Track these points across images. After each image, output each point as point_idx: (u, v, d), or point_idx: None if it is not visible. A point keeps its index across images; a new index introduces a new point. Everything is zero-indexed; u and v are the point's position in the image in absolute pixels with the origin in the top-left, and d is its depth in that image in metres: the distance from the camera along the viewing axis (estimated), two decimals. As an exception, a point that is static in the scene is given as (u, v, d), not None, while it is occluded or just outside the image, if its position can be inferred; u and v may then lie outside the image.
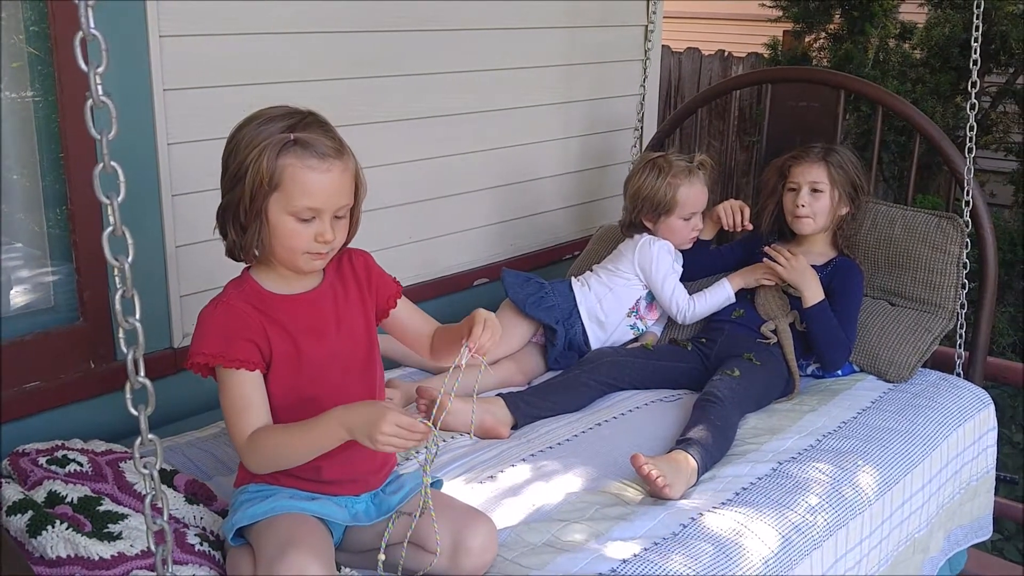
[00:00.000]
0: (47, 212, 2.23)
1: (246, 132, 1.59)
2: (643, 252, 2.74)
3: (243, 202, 1.58)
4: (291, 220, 1.59)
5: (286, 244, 1.61)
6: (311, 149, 1.57)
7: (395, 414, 1.51)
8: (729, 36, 8.84)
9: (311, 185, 1.57)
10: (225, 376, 1.62)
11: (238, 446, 1.63)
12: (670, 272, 2.74)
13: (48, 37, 2.10)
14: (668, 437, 2.29)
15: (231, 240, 1.64)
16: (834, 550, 2.01)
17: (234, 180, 1.58)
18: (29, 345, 2.15)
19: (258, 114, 1.61)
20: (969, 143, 2.71)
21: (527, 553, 1.77)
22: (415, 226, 3.01)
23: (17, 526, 1.64)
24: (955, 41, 5.30)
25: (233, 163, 1.59)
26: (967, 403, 2.57)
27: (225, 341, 1.61)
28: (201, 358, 1.61)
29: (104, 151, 1.10)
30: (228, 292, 1.69)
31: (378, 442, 1.50)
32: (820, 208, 2.71)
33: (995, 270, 2.76)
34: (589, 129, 3.55)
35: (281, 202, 1.58)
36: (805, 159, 2.74)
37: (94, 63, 1.07)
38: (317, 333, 1.69)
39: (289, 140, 1.56)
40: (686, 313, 2.71)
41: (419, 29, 2.85)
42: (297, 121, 1.59)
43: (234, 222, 1.62)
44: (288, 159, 1.56)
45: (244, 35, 2.44)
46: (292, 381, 1.67)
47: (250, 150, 1.56)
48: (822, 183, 2.70)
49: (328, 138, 1.60)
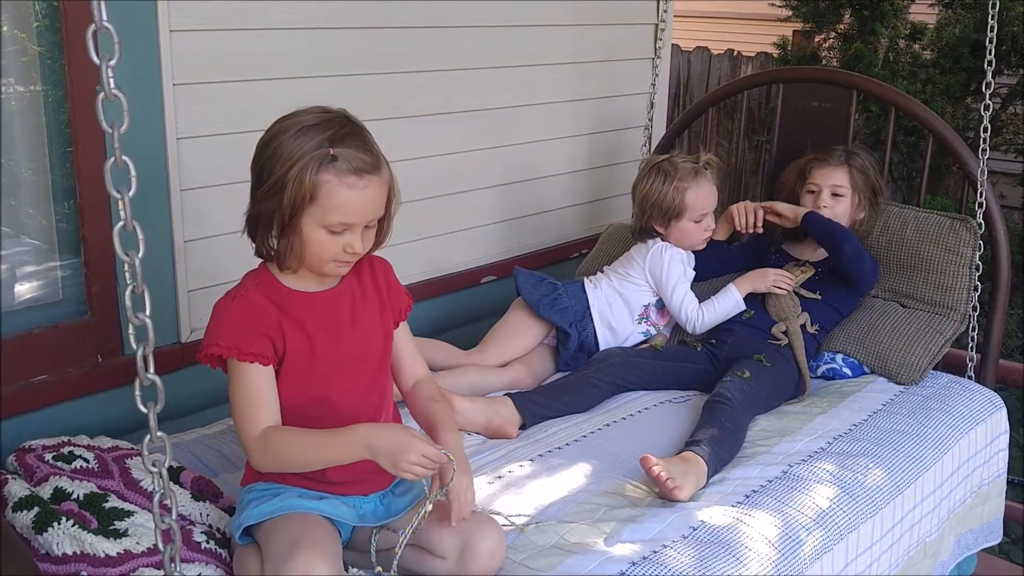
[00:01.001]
0: (56, 206, 2.22)
1: (283, 143, 1.55)
2: (654, 259, 2.72)
3: (279, 215, 1.57)
4: (323, 232, 1.58)
5: (315, 252, 1.60)
6: (350, 165, 1.55)
7: (422, 444, 1.54)
8: (738, 35, 8.82)
9: (347, 203, 1.56)
10: (237, 369, 1.61)
11: (245, 441, 1.61)
12: (681, 280, 2.71)
13: (58, 31, 2.09)
14: (677, 438, 2.27)
15: (263, 247, 1.64)
16: (845, 554, 2.00)
17: (270, 192, 1.56)
18: (37, 339, 2.14)
19: (293, 122, 1.58)
20: (983, 144, 2.69)
21: (535, 555, 1.76)
22: (423, 223, 3.00)
23: (23, 522, 1.64)
24: (966, 42, 5.27)
25: (268, 175, 1.56)
26: (979, 406, 2.55)
27: (240, 334, 1.60)
28: (215, 349, 1.60)
29: (116, 145, 1.09)
30: (246, 285, 1.67)
31: (401, 469, 1.53)
32: (840, 212, 2.69)
33: (1008, 272, 2.74)
34: (598, 127, 3.53)
35: (315, 215, 1.56)
36: (827, 162, 2.71)
37: (106, 56, 1.06)
38: (331, 333, 1.68)
39: (328, 156, 1.54)
40: (695, 323, 2.68)
41: (428, 26, 2.84)
42: (335, 132, 1.56)
43: (266, 231, 1.61)
44: (327, 175, 1.54)
45: (254, 30, 2.43)
46: (302, 379, 1.66)
47: (289, 165, 1.53)
48: (843, 187, 2.68)
49: (366, 152, 1.58)
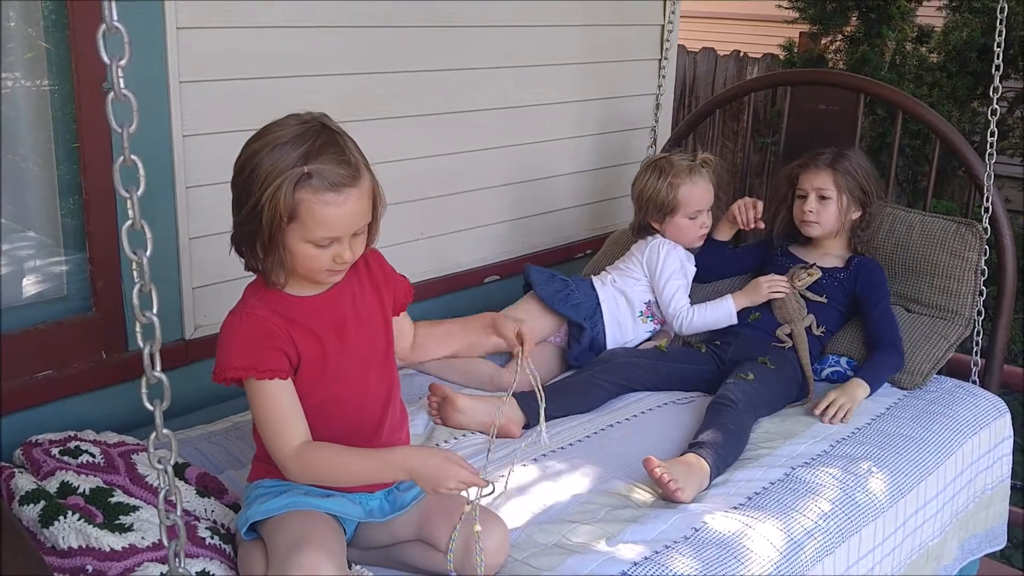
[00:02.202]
0: (61, 201, 2.23)
1: (258, 164, 1.53)
2: (652, 252, 2.74)
3: (261, 236, 1.56)
4: (310, 247, 1.57)
5: (305, 266, 1.60)
6: (326, 182, 1.53)
7: (459, 470, 1.58)
8: (744, 37, 8.79)
9: (328, 219, 1.55)
10: (256, 388, 1.60)
11: (280, 458, 1.61)
12: (676, 276, 2.72)
13: (66, 26, 2.10)
14: (681, 439, 2.27)
15: (251, 263, 1.63)
16: (846, 557, 2.00)
17: (250, 214, 1.55)
18: (41, 334, 2.15)
19: (266, 141, 1.55)
20: (990, 148, 2.69)
21: (537, 554, 1.76)
22: (428, 222, 3.00)
23: (29, 516, 1.64)
24: (973, 45, 5.25)
25: (247, 197, 1.55)
26: (983, 411, 2.55)
27: (254, 352, 1.59)
28: (233, 372, 1.59)
29: (125, 144, 1.09)
30: (248, 302, 1.65)
31: (439, 493, 1.58)
32: (828, 214, 2.70)
33: (1013, 277, 2.73)
34: (604, 128, 3.53)
35: (299, 232, 1.55)
36: (812, 166, 2.73)
37: (116, 56, 1.06)
38: (339, 333, 1.68)
39: (303, 174, 1.52)
40: (683, 320, 2.68)
41: (434, 25, 2.84)
42: (309, 147, 1.53)
43: (251, 250, 1.60)
44: (303, 194, 1.52)
45: (261, 28, 2.43)
46: (316, 380, 1.66)
47: (265, 187, 1.52)
48: (829, 190, 2.69)
49: (342, 163, 1.55)
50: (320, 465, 1.61)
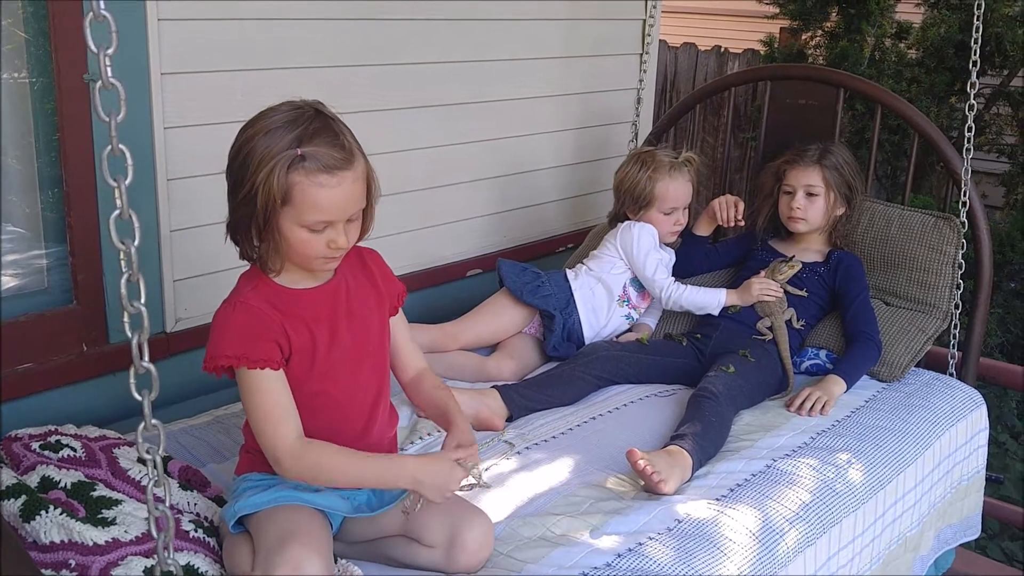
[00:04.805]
0: (42, 194, 2.21)
1: (252, 149, 1.53)
2: (625, 234, 2.77)
3: (256, 221, 1.55)
4: (304, 231, 1.56)
5: (299, 251, 1.59)
6: (320, 164, 1.52)
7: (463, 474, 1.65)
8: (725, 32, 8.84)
9: (322, 201, 1.54)
10: (248, 378, 1.59)
11: (273, 451, 1.59)
12: (652, 251, 2.74)
13: (45, 18, 2.08)
14: (663, 432, 2.29)
15: (247, 251, 1.62)
16: (827, 548, 2.02)
17: (244, 199, 1.54)
18: (23, 327, 2.14)
19: (261, 126, 1.54)
20: (967, 144, 2.72)
21: (521, 547, 1.77)
22: (410, 216, 3.00)
23: (10, 511, 1.63)
24: (951, 42, 5.31)
25: (242, 181, 1.54)
26: (960, 403, 2.58)
27: (246, 342, 1.58)
28: (224, 360, 1.57)
29: (112, 134, 1.09)
30: (242, 290, 1.64)
31: (443, 499, 1.64)
32: (815, 211, 2.72)
33: (990, 271, 2.77)
34: (585, 122, 3.54)
35: (292, 216, 1.54)
36: (800, 162, 2.74)
37: (103, 45, 1.05)
38: (331, 327, 1.67)
39: (296, 156, 1.52)
40: (670, 292, 2.70)
41: (416, 18, 2.84)
42: (303, 130, 1.53)
43: (246, 237, 1.59)
44: (297, 176, 1.52)
45: (243, 20, 2.42)
46: (305, 374, 1.65)
47: (259, 170, 1.51)
48: (817, 186, 2.70)
49: (336, 147, 1.55)
50: (316, 465, 1.59)
